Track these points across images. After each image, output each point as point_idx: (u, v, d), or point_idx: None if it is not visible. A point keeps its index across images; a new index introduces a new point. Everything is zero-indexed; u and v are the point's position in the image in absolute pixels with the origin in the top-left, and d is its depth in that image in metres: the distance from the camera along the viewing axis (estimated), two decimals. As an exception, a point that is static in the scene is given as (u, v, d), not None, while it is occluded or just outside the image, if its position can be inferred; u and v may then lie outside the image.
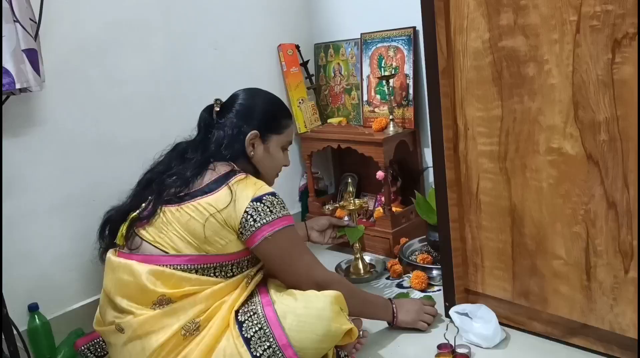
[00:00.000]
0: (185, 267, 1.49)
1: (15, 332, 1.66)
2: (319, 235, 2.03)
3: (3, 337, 1.56)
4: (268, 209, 1.51)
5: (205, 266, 1.51)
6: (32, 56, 1.67)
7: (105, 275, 1.55)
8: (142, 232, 1.54)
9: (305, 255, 1.60)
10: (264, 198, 1.52)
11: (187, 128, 1.73)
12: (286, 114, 1.76)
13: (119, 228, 1.60)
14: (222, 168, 1.58)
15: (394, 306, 1.78)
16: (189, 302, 1.46)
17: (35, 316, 1.85)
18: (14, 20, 1.61)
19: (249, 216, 1.50)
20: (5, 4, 1.60)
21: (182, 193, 1.54)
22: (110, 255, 1.55)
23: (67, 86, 1.92)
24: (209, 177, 1.56)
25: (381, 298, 1.83)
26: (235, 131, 1.63)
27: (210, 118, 1.69)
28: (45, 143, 1.89)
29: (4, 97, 1.72)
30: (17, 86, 1.63)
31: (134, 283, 1.46)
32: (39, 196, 1.89)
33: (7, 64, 1.61)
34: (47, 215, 1.91)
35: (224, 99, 1.73)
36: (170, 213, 1.52)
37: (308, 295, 1.51)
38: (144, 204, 1.59)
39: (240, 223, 1.50)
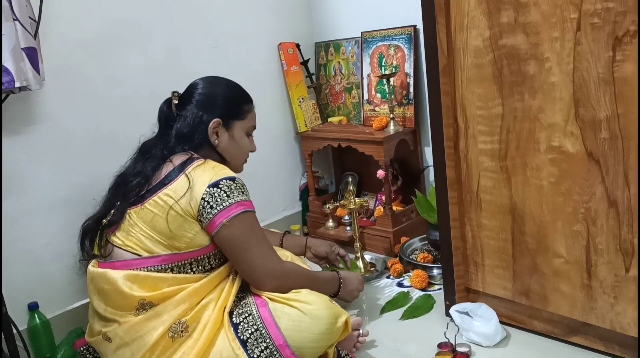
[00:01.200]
0: (160, 267, 1.48)
1: (15, 330, 1.66)
2: (313, 257, 2.01)
3: (3, 335, 1.55)
4: (225, 194, 1.48)
5: (180, 263, 1.50)
6: (32, 54, 1.66)
7: (88, 286, 1.54)
8: (113, 238, 1.54)
9: (262, 245, 1.53)
10: (221, 182, 1.49)
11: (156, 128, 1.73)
12: (247, 98, 1.74)
13: (95, 236, 1.59)
14: (179, 159, 1.56)
15: (341, 282, 1.77)
16: (172, 303, 1.44)
17: (35, 315, 1.85)
18: (14, 19, 1.61)
19: (205, 203, 1.47)
20: (4, 2, 1.59)
21: (143, 191, 1.53)
22: (90, 266, 1.54)
23: (67, 85, 1.92)
24: (166, 169, 1.54)
25: (330, 275, 1.79)
26: (196, 121, 1.61)
27: (169, 111, 1.68)
28: (45, 142, 1.89)
29: (3, 95, 1.71)
30: (17, 85, 1.63)
31: (112, 290, 1.45)
32: (39, 195, 1.88)
33: (7, 62, 1.61)
34: (47, 214, 1.91)
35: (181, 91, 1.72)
36: (135, 214, 1.51)
37: (300, 295, 1.50)
38: (113, 211, 1.58)
39: (198, 211, 1.47)
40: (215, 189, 1.48)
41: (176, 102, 1.68)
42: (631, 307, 1.44)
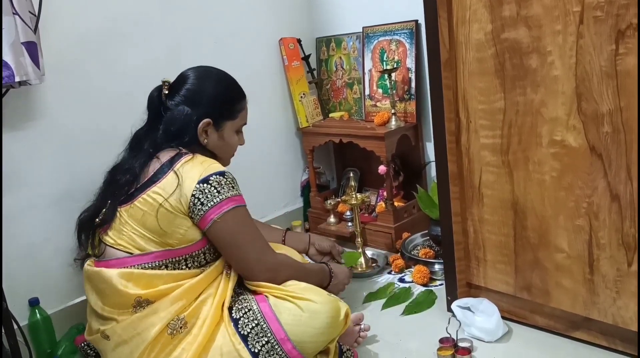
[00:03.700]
0: (154, 264, 1.47)
1: (15, 326, 1.66)
2: (317, 254, 1.98)
3: (3, 331, 1.55)
4: (215, 190, 1.46)
5: (174, 260, 1.49)
6: (32, 49, 1.66)
7: (84, 285, 1.54)
8: (105, 237, 1.52)
9: (256, 239, 1.54)
10: (211, 178, 1.47)
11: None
12: (240, 97, 1.68)
13: (89, 235, 1.57)
14: (166, 155, 1.53)
15: (332, 274, 1.77)
16: (169, 300, 1.43)
17: (36, 310, 1.85)
18: (13, 13, 1.61)
19: (196, 200, 1.45)
20: (4, -3, 1.59)
21: (132, 189, 1.51)
22: (86, 265, 1.53)
23: (67, 80, 1.91)
24: (153, 167, 1.52)
25: (319, 267, 1.78)
26: (185, 119, 1.56)
27: (158, 101, 1.62)
28: (45, 137, 1.88)
29: (3, 90, 1.71)
30: (17, 79, 1.63)
31: (108, 289, 1.45)
32: (38, 190, 1.88)
33: (7, 56, 1.60)
34: (48, 209, 1.91)
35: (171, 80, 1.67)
36: (125, 213, 1.50)
37: (299, 291, 1.50)
38: (104, 209, 1.56)
39: (189, 207, 1.46)
40: (205, 185, 1.46)
41: (166, 92, 1.62)
42: (633, 302, 1.43)
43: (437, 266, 2.07)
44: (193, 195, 1.45)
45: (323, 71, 2.72)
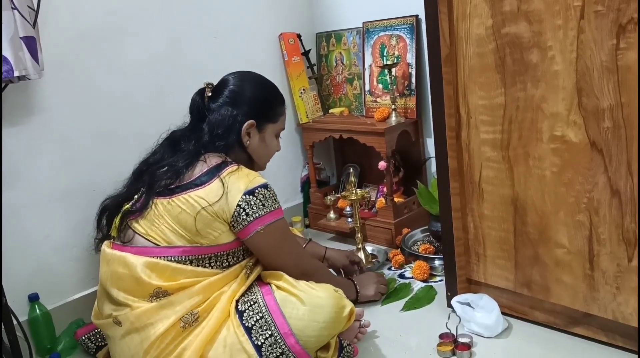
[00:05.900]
0: (180, 258, 1.48)
1: (15, 321, 1.66)
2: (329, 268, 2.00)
3: (3, 326, 1.55)
4: (260, 203, 1.51)
5: (199, 257, 1.50)
6: (31, 44, 1.66)
7: (100, 267, 1.54)
8: (135, 225, 1.53)
9: (294, 247, 1.65)
10: (257, 190, 1.51)
11: (187, 118, 1.72)
12: (281, 101, 1.74)
13: (114, 218, 1.60)
14: (213, 159, 1.56)
15: (356, 284, 1.88)
16: (186, 294, 1.45)
17: (36, 306, 1.85)
18: (12, 8, 1.60)
19: (241, 210, 1.49)
20: (3, -9, 1.58)
21: (173, 185, 1.52)
22: (105, 247, 1.54)
23: (66, 75, 1.91)
24: (199, 169, 1.54)
25: (345, 280, 1.93)
26: (230, 120, 1.61)
27: (202, 103, 1.66)
28: (45, 132, 1.88)
29: (2, 85, 1.70)
30: (16, 74, 1.62)
31: (129, 276, 1.45)
32: (38, 186, 1.88)
33: (6, 51, 1.60)
34: (47, 205, 1.91)
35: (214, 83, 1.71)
36: (161, 206, 1.51)
37: (306, 285, 1.51)
38: (136, 196, 1.58)
39: (233, 217, 1.49)
40: (251, 197, 1.50)
41: (209, 94, 1.66)
42: (633, 297, 1.43)
43: (437, 262, 2.07)
44: (239, 205, 1.49)
45: (323, 67, 2.71)
